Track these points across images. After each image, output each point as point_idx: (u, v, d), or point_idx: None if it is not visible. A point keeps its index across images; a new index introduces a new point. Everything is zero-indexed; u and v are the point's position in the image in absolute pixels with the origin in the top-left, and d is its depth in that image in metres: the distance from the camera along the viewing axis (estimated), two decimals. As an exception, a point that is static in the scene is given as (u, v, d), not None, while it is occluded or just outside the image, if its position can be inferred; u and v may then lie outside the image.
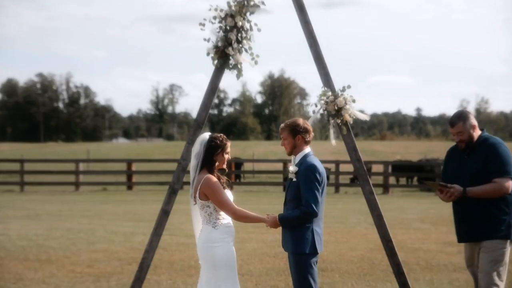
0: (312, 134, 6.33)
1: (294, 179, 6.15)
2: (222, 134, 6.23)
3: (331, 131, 7.04)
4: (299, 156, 6.25)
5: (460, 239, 6.87)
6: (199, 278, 6.28)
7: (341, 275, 10.57)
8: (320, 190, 6.10)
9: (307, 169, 6.10)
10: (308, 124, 6.34)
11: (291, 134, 6.27)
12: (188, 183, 6.32)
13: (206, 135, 6.21)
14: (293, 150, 6.29)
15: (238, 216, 6.07)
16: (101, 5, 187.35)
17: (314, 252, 6.14)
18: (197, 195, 6.04)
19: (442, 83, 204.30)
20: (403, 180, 37.32)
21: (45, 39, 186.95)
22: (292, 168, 6.20)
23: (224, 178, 6.25)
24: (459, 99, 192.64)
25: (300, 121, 6.33)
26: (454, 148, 6.88)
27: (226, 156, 6.18)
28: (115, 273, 10.74)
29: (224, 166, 6.23)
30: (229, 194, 6.15)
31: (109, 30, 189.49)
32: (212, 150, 6.10)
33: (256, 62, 7.22)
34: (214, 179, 6.05)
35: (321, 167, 6.19)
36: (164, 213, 7.33)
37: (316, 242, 6.13)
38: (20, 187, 31.57)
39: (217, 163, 6.14)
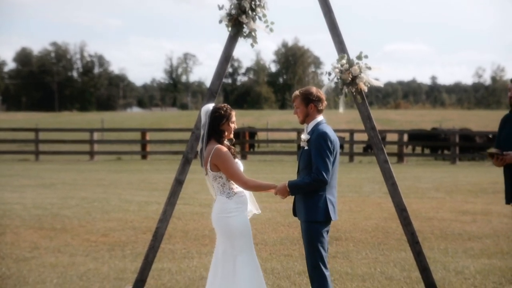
0: (325, 103, 6.29)
1: (306, 147, 6.13)
2: (225, 104, 6.19)
3: (341, 99, 6.96)
4: (312, 125, 6.22)
5: (508, 201, 7.03)
6: (215, 248, 6.27)
7: (355, 244, 10.57)
8: (332, 159, 6.07)
9: (318, 137, 6.07)
10: (321, 93, 6.29)
11: (304, 103, 6.22)
12: (201, 152, 6.29)
13: (209, 105, 6.18)
14: (306, 118, 6.25)
15: (249, 186, 6.05)
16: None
17: (327, 220, 6.13)
18: (208, 167, 6.02)
19: (458, 51, 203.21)
20: (419, 149, 37.11)
21: (59, 8, 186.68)
22: (304, 136, 6.18)
23: (234, 149, 6.22)
24: (475, 67, 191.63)
25: (313, 89, 6.28)
26: (509, 115, 7.08)
27: (232, 126, 6.15)
28: (130, 242, 10.79)
29: (231, 136, 6.20)
30: (239, 164, 6.13)
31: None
32: (217, 121, 6.07)
33: (271, 30, 7.14)
34: (224, 149, 6.02)
35: (333, 135, 6.16)
36: (178, 183, 7.31)
37: (330, 211, 6.11)
38: (35, 156, 31.74)
39: (225, 133, 6.12)
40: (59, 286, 8.27)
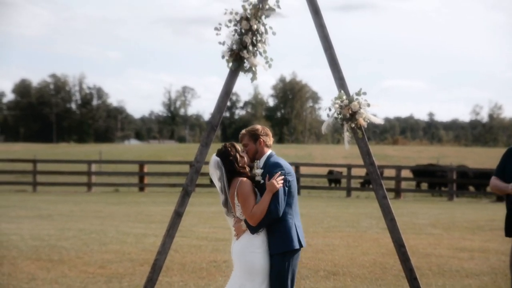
0: (272, 138, 6.44)
1: (262, 181, 6.20)
2: (224, 145, 6.25)
3: (345, 135, 7.03)
4: (263, 159, 6.34)
5: (508, 233, 7.05)
6: (229, 280, 6.24)
7: (353, 279, 10.56)
8: (286, 188, 6.14)
9: (270, 168, 6.19)
10: (267, 129, 6.45)
11: (252, 139, 6.34)
12: (201, 185, 6.38)
13: (214, 158, 6.20)
14: (256, 155, 6.35)
15: (255, 218, 6.02)
16: (119, 7, 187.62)
17: (300, 247, 6.22)
18: (236, 201, 6.06)
19: (456, 88, 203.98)
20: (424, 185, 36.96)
21: (59, 40, 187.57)
22: (258, 170, 6.26)
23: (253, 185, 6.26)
24: (472, 105, 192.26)
25: (259, 126, 6.45)
26: None
27: (244, 155, 6.22)
28: (127, 274, 10.77)
29: (248, 162, 6.28)
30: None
31: (124, 31, 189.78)
32: (234, 164, 6.12)
33: (270, 66, 7.22)
34: (249, 182, 6.12)
35: (285, 163, 6.28)
36: (177, 215, 7.33)
37: (300, 237, 6.22)
38: (32, 187, 31.71)
39: (246, 168, 6.18)
40: (56, 318, 8.25)
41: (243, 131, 6.44)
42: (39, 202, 23.89)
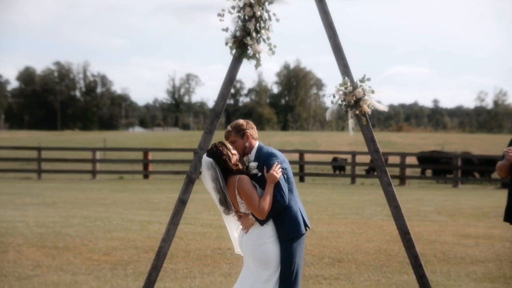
0: (256, 131, 6.42)
1: (259, 174, 6.18)
2: (213, 145, 6.18)
3: (350, 122, 7.01)
4: (254, 152, 6.31)
5: (506, 218, 7.02)
6: (242, 276, 6.23)
7: (358, 266, 10.56)
8: (285, 175, 6.15)
9: (265, 159, 6.17)
10: (251, 122, 6.44)
11: (239, 135, 6.30)
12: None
13: (206, 159, 6.14)
14: (245, 150, 6.31)
15: (263, 212, 6.01)
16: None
17: (305, 231, 6.27)
18: (238, 198, 6.05)
19: (460, 75, 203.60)
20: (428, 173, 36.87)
21: (63, 28, 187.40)
22: (253, 163, 6.22)
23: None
24: (477, 91, 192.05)
25: (242, 121, 6.43)
26: None
27: (235, 152, 6.17)
28: (132, 261, 10.80)
29: (239, 158, 6.24)
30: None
31: (129, 19, 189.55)
32: (228, 163, 6.06)
33: (273, 52, 7.20)
34: (247, 178, 6.07)
35: (277, 152, 6.27)
36: (181, 202, 7.34)
37: (306, 221, 6.28)
38: (37, 174, 31.75)
39: (238, 165, 6.14)
40: (61, 305, 8.27)
41: (228, 128, 6.39)
42: (44, 190, 23.93)
